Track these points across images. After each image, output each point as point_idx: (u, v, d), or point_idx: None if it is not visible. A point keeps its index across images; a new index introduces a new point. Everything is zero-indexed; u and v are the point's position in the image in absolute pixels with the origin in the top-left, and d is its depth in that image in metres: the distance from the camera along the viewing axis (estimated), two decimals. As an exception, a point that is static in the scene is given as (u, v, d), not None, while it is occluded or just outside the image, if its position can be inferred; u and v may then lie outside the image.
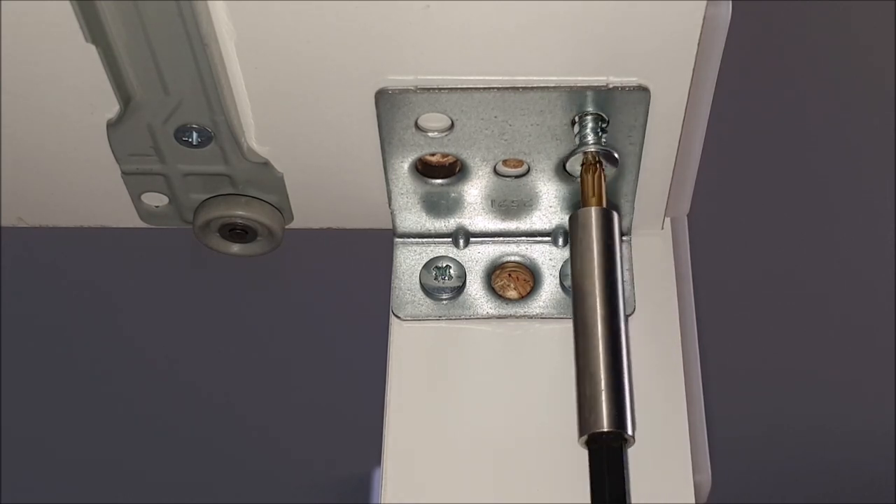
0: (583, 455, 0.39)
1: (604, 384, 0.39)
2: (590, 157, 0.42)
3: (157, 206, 0.47)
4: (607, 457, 0.39)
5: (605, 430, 0.38)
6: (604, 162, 0.42)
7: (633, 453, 0.43)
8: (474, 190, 0.45)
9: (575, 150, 0.42)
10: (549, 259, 0.47)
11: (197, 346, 1.17)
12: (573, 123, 0.41)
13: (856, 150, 1.18)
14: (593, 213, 0.41)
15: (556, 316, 0.46)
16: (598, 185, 0.42)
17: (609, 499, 0.38)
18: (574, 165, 0.42)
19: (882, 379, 1.15)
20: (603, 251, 0.41)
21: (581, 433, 0.39)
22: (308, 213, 0.48)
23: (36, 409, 1.16)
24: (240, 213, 0.46)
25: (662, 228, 0.48)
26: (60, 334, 1.17)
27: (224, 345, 1.17)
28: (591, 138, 0.41)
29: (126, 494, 1.15)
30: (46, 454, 1.16)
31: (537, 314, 0.46)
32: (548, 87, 0.40)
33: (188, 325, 1.17)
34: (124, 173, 0.45)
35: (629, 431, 0.39)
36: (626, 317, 0.41)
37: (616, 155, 0.42)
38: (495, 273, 0.47)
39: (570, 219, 0.42)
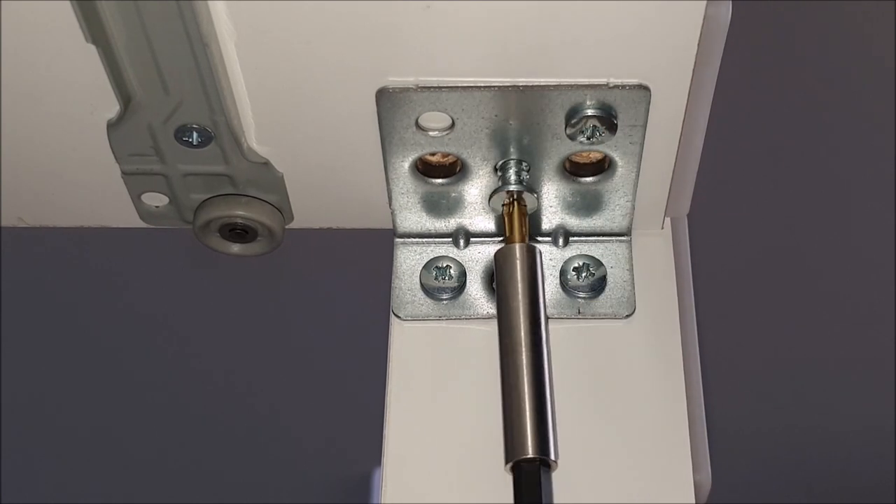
0: (583, 455, 0.39)
1: (528, 412, 0.40)
2: (514, 194, 0.44)
3: (157, 206, 0.47)
4: (526, 479, 0.40)
5: (530, 456, 0.40)
6: (524, 197, 0.44)
7: (633, 453, 0.44)
8: (475, 190, 0.45)
9: (498, 189, 0.44)
10: (549, 259, 0.47)
11: (196, 346, 1.17)
12: (573, 122, 0.41)
13: (857, 149, 1.18)
14: (517, 249, 0.44)
15: (555, 316, 0.46)
16: (519, 221, 0.44)
17: None
18: (497, 203, 0.45)
19: (883, 380, 1.15)
20: (527, 286, 0.43)
21: (507, 460, 0.41)
22: (308, 212, 0.48)
23: (36, 409, 1.16)
24: (240, 212, 0.46)
25: (662, 228, 0.48)
26: (61, 334, 1.17)
27: (223, 345, 1.17)
28: (512, 178, 0.43)
29: (126, 495, 1.15)
30: (48, 452, 1.16)
31: (537, 314, 0.46)
32: (548, 87, 0.40)
33: (187, 325, 1.17)
34: (124, 173, 0.45)
35: (552, 457, 0.40)
36: (549, 350, 0.42)
37: (535, 193, 0.44)
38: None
39: (495, 256, 0.44)
